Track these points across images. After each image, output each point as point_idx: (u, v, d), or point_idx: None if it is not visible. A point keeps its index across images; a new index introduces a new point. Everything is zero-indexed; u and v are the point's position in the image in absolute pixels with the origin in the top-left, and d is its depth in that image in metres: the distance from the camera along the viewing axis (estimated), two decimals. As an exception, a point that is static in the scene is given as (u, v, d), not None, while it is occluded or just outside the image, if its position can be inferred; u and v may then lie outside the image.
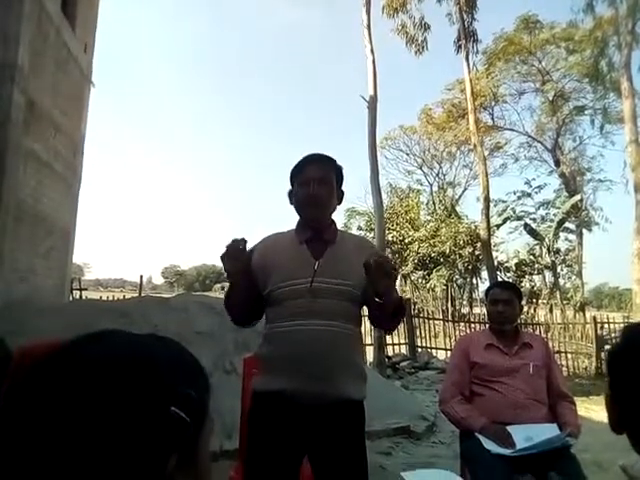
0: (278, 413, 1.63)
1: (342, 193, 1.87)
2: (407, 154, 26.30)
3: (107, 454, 0.47)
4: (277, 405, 1.64)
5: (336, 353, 1.64)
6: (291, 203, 1.85)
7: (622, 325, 10.03)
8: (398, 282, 21.63)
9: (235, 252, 1.61)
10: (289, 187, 1.86)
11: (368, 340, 8.70)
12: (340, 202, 1.88)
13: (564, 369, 8.52)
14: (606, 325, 9.82)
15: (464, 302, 20.85)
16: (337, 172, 1.83)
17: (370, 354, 8.55)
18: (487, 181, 14.56)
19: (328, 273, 1.68)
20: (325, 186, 1.76)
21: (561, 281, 20.17)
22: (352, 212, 23.22)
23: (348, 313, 1.70)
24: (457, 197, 25.19)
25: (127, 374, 0.51)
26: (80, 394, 0.48)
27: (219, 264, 1.65)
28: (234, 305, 1.78)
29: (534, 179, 21.73)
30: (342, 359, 1.67)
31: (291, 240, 1.79)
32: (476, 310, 17.61)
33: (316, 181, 1.74)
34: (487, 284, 15.16)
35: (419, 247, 19.71)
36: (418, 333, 10.39)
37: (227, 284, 1.80)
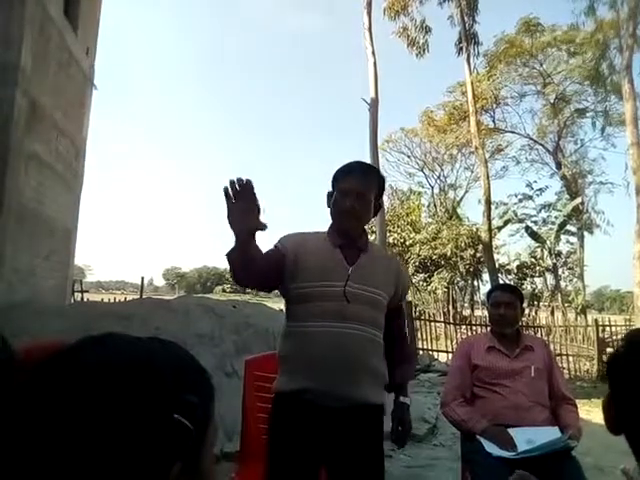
0: (300, 414, 1.63)
1: (379, 205, 1.87)
2: (408, 156, 26.26)
3: (108, 461, 0.46)
4: (299, 406, 1.64)
5: (365, 357, 1.68)
6: (328, 205, 1.83)
7: (623, 328, 10.02)
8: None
9: (249, 197, 1.44)
10: (330, 188, 1.82)
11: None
12: (376, 214, 1.88)
13: (565, 372, 8.49)
14: (607, 328, 9.80)
15: (465, 304, 20.85)
16: (379, 185, 1.84)
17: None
18: (488, 183, 14.58)
19: (361, 280, 1.71)
20: (363, 201, 1.76)
21: (562, 284, 20.17)
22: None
23: (376, 320, 1.74)
24: (458, 199, 25.16)
25: (130, 380, 0.50)
26: (81, 399, 0.48)
27: (220, 266, 1.61)
28: (245, 267, 1.55)
29: (535, 182, 21.70)
30: (369, 364, 1.70)
31: (324, 242, 1.78)
32: (477, 312, 17.60)
33: (355, 195, 1.74)
34: (488, 286, 15.13)
35: (420, 249, 19.69)
36: (419, 335, 10.36)
37: (228, 287, 1.77)
